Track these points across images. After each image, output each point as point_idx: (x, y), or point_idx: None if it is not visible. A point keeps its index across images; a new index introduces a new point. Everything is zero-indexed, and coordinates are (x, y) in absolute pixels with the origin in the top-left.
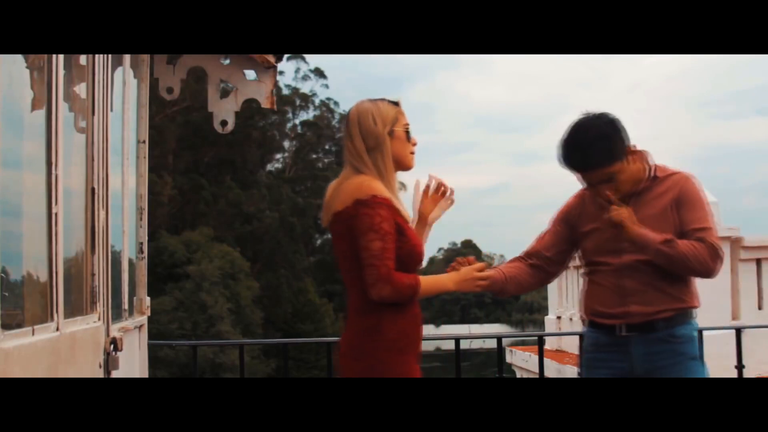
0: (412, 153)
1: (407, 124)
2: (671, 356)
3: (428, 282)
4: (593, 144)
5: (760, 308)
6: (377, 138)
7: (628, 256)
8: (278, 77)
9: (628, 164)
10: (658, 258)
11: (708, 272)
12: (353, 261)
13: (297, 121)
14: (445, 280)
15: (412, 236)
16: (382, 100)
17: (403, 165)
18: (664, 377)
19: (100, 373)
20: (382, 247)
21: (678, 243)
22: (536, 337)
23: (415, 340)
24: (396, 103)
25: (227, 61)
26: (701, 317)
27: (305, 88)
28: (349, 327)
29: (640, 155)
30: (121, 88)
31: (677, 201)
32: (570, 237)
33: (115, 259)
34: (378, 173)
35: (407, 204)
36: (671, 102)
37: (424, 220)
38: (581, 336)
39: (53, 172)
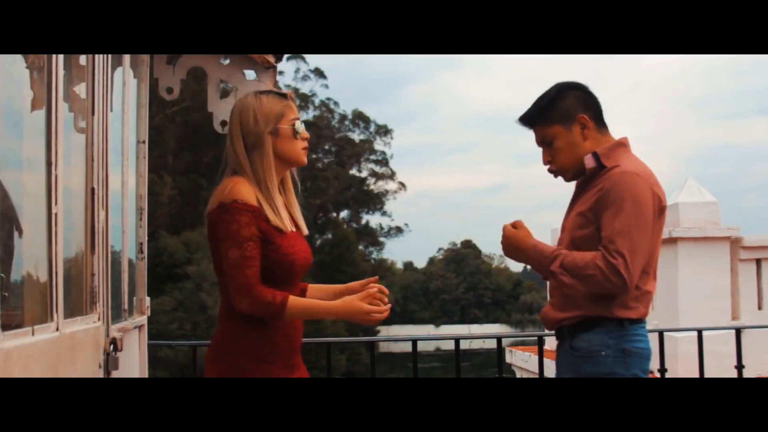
0: (304, 149)
1: (295, 119)
2: (568, 372)
3: (300, 303)
4: (540, 100)
5: (760, 308)
6: (257, 137)
7: (559, 248)
8: (278, 77)
9: (573, 135)
10: (553, 279)
11: (614, 288)
12: (219, 265)
13: None
14: (325, 309)
15: (282, 244)
16: (269, 93)
17: (293, 162)
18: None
19: (100, 374)
20: (240, 256)
21: (571, 261)
22: (536, 338)
23: (284, 350)
24: (284, 96)
25: (227, 61)
26: (702, 317)
27: (305, 88)
28: (216, 330)
29: (604, 140)
30: (121, 89)
31: (600, 200)
32: None
33: (115, 260)
34: (255, 175)
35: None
36: (671, 102)
37: (337, 291)
38: None
39: (53, 172)
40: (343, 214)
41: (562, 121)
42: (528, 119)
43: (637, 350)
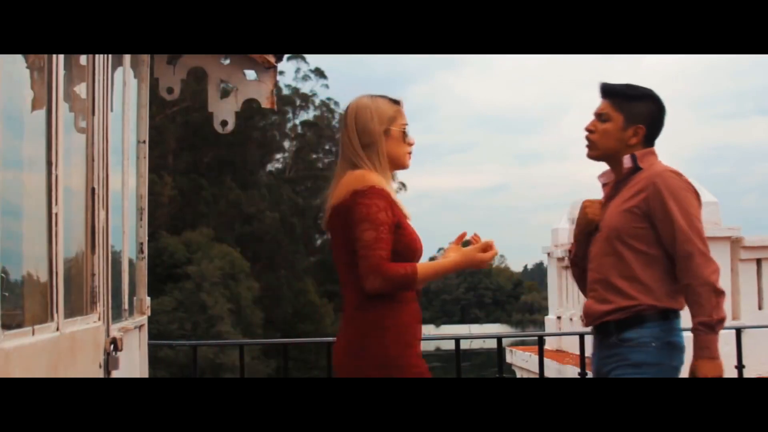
0: (409, 153)
1: (405, 124)
2: (615, 362)
3: (427, 267)
4: (630, 88)
5: (760, 308)
6: (372, 136)
7: (596, 245)
8: (278, 77)
9: (624, 133)
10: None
11: (717, 269)
12: (351, 255)
13: (297, 121)
14: (445, 263)
15: (410, 230)
16: (383, 97)
17: (399, 164)
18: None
19: (100, 373)
20: (375, 237)
21: (706, 300)
22: (536, 337)
23: (417, 334)
24: (396, 102)
25: (227, 61)
26: None
27: (305, 88)
28: (349, 325)
29: (642, 149)
30: (121, 89)
31: (648, 199)
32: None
33: (115, 260)
34: (374, 168)
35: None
36: (671, 102)
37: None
38: (581, 336)
39: (53, 172)
40: None
41: (627, 116)
42: (607, 91)
43: (678, 343)
